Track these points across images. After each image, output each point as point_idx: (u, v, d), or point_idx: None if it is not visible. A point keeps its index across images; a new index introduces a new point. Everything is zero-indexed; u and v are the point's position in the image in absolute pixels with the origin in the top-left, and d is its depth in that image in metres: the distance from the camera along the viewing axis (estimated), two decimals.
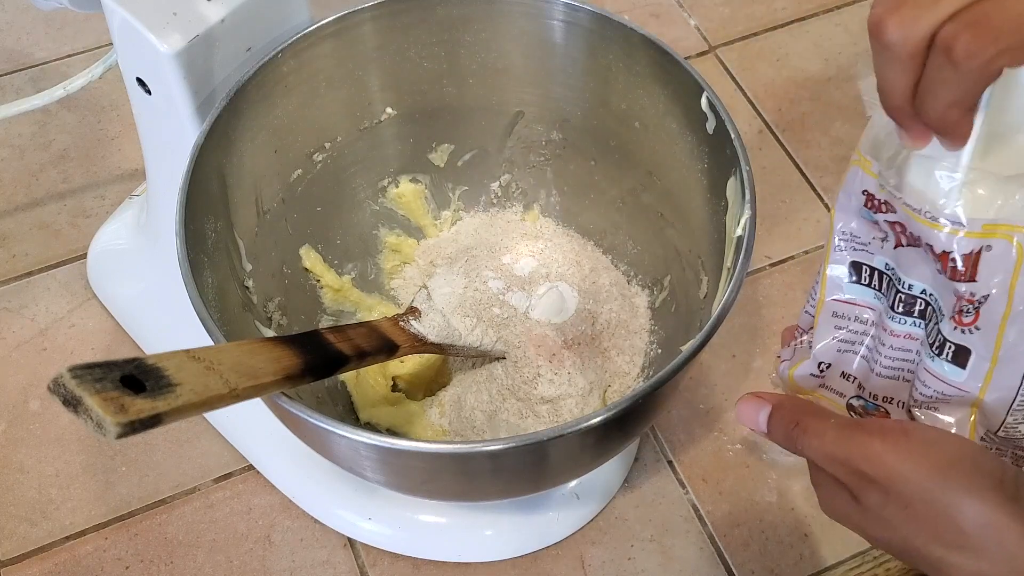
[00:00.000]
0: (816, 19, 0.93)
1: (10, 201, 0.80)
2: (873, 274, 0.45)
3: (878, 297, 0.45)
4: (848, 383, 0.46)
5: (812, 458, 0.42)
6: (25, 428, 0.69)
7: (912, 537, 0.38)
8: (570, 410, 0.60)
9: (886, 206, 0.43)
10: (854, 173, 0.45)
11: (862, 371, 0.45)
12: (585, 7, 0.58)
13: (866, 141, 0.44)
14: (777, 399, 0.45)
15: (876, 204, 0.44)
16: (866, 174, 0.44)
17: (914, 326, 0.44)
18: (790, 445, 0.43)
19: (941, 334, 0.42)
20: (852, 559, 0.64)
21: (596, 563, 0.63)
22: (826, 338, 0.46)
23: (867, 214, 0.44)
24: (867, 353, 0.45)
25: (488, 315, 0.62)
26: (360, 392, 0.63)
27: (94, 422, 0.34)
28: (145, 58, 0.53)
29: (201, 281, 0.49)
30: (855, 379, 0.45)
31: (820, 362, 0.45)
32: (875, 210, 0.44)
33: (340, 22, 0.58)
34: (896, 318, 0.44)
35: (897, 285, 0.44)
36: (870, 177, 0.44)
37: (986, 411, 0.42)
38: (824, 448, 0.41)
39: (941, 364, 0.43)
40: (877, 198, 0.44)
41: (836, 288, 0.46)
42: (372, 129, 0.65)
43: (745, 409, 0.45)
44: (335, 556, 0.64)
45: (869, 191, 0.44)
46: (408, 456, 0.47)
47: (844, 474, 0.40)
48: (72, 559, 0.64)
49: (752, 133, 0.84)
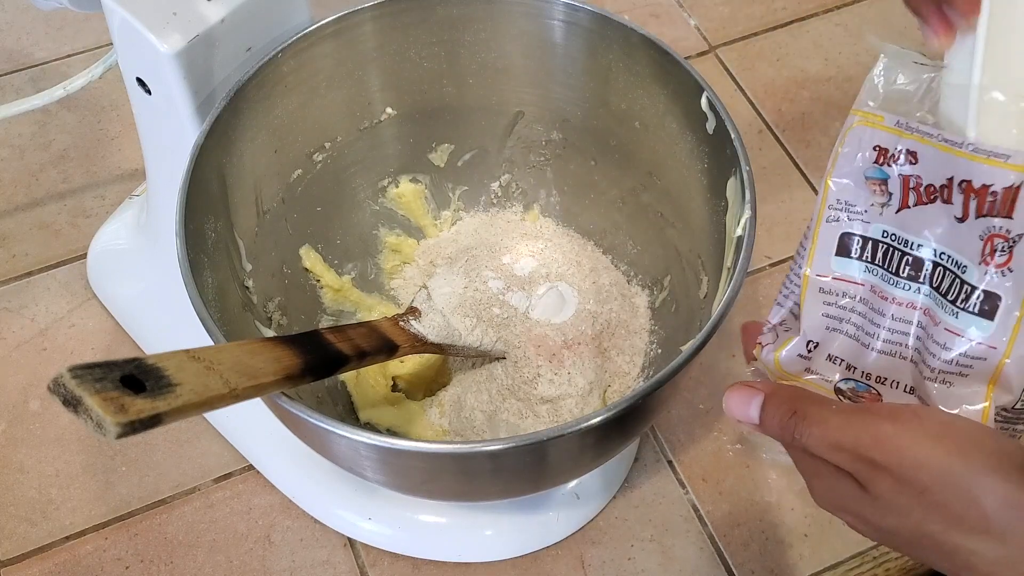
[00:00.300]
0: (816, 19, 0.93)
1: (10, 201, 0.80)
2: (866, 245, 0.44)
3: (869, 270, 0.44)
4: (834, 365, 0.44)
5: (812, 447, 0.39)
6: (25, 428, 0.69)
7: (927, 524, 0.36)
8: (570, 410, 0.60)
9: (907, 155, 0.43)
10: (858, 133, 0.44)
11: (851, 351, 0.44)
12: (585, 7, 0.58)
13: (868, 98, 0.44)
14: (770, 387, 0.43)
15: (892, 157, 0.43)
16: (876, 129, 0.43)
17: (917, 293, 0.43)
18: (786, 435, 0.41)
19: (967, 285, 0.41)
20: (852, 559, 0.64)
21: (596, 563, 0.63)
22: (814, 314, 0.44)
23: (877, 172, 0.43)
24: (855, 332, 0.44)
25: (488, 315, 0.62)
26: (360, 392, 0.63)
27: (94, 422, 0.34)
28: (145, 58, 0.53)
29: (201, 281, 0.49)
30: (842, 360, 0.44)
31: (809, 340, 0.44)
32: (889, 164, 0.43)
33: (340, 22, 0.58)
34: (900, 284, 0.43)
35: (902, 248, 0.43)
36: (882, 131, 0.43)
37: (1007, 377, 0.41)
38: (828, 435, 0.39)
39: (966, 319, 0.41)
40: (895, 150, 0.43)
41: (822, 264, 0.44)
42: (372, 129, 0.65)
43: (734, 399, 0.43)
44: (335, 556, 0.64)
45: (881, 145, 0.43)
46: (408, 456, 0.47)
47: (849, 462, 0.38)
48: (72, 559, 0.64)
49: (752, 133, 0.84)
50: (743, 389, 0.43)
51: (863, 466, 0.38)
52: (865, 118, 0.44)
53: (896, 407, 0.39)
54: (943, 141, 0.42)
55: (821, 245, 0.45)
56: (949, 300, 0.42)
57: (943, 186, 0.42)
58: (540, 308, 0.64)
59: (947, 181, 0.42)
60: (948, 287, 0.42)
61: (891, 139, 0.43)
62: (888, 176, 0.43)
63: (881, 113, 0.43)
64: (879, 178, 0.44)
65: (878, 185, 0.44)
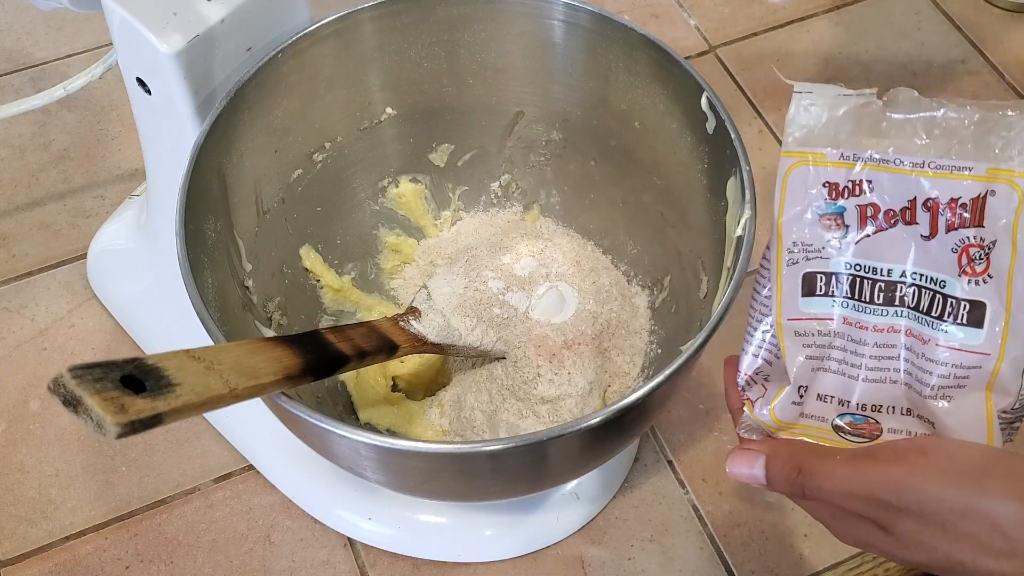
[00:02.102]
0: (816, 19, 0.93)
1: (10, 201, 0.80)
2: (831, 280, 0.44)
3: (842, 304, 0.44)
4: (826, 404, 0.44)
5: (826, 500, 0.40)
6: (25, 428, 0.69)
7: (956, 554, 0.37)
8: (570, 410, 0.60)
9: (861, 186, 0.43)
10: (801, 174, 0.44)
11: (839, 386, 0.44)
12: (585, 7, 0.58)
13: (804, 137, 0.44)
14: (768, 447, 0.43)
15: (847, 190, 0.43)
16: (820, 167, 0.43)
17: (897, 316, 0.43)
18: (796, 492, 0.41)
19: (949, 298, 0.42)
20: (852, 559, 0.64)
21: (596, 563, 0.63)
22: (797, 359, 0.44)
23: (831, 208, 0.43)
24: (838, 366, 0.44)
25: (488, 315, 0.62)
26: (360, 392, 0.63)
27: (94, 422, 0.34)
28: (145, 58, 0.53)
29: (201, 281, 0.49)
30: (832, 397, 0.44)
31: (800, 386, 0.44)
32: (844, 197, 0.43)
33: (340, 22, 0.58)
34: (878, 311, 0.43)
35: (871, 276, 0.43)
36: (827, 168, 0.43)
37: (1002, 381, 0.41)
38: (838, 488, 0.39)
39: (955, 331, 0.41)
40: (847, 183, 0.43)
41: (791, 308, 0.44)
42: (372, 129, 0.65)
43: (737, 465, 0.43)
44: (335, 556, 0.64)
45: (831, 181, 0.43)
46: (408, 456, 0.47)
47: (866, 509, 0.38)
48: (72, 559, 0.64)
49: (752, 133, 0.84)
50: (743, 453, 0.43)
51: (881, 511, 0.38)
52: (803, 157, 0.44)
53: (898, 446, 0.39)
54: (900, 164, 0.42)
55: (786, 290, 0.45)
56: (933, 316, 0.42)
57: (904, 208, 0.42)
58: (540, 308, 0.64)
59: (909, 203, 0.42)
60: (929, 304, 0.42)
61: (840, 173, 0.43)
62: (844, 209, 0.44)
63: (822, 150, 0.43)
64: (834, 213, 0.44)
65: (833, 219, 0.44)
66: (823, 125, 0.43)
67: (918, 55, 0.90)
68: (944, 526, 0.37)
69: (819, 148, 0.43)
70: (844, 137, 0.43)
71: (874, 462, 0.39)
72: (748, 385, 0.46)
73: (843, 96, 0.43)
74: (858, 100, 0.43)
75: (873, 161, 0.43)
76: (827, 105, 0.43)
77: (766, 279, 0.45)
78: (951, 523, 0.37)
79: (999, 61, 0.89)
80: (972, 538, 0.36)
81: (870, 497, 0.38)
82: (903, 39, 0.91)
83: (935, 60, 0.89)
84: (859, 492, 0.38)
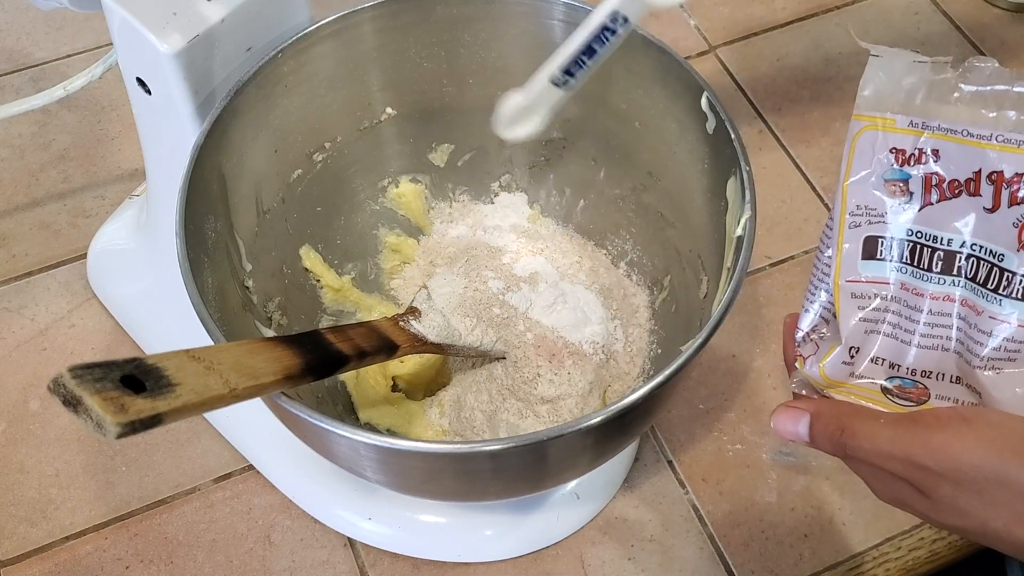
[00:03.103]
0: (816, 19, 0.93)
1: (10, 201, 0.80)
2: (892, 246, 0.44)
3: (900, 269, 0.45)
4: (878, 366, 0.45)
5: (866, 460, 0.41)
6: (25, 428, 0.69)
7: (990, 522, 0.38)
8: (570, 410, 0.60)
9: (928, 155, 0.43)
10: (869, 139, 0.44)
11: (892, 349, 0.45)
12: (585, 7, 0.58)
13: (875, 101, 0.44)
14: (814, 406, 0.43)
15: (913, 157, 0.44)
16: (888, 133, 0.44)
17: (953, 285, 0.44)
18: (838, 451, 0.42)
19: (1007, 272, 0.42)
20: (852, 559, 0.64)
21: (596, 563, 0.63)
22: (851, 320, 0.45)
23: (897, 174, 0.44)
24: (893, 331, 0.45)
25: (488, 315, 0.62)
26: (360, 392, 0.63)
27: (94, 422, 0.34)
28: (145, 58, 0.53)
29: (201, 281, 0.49)
30: (884, 360, 0.45)
31: (851, 346, 0.45)
32: (911, 164, 0.44)
33: (340, 22, 0.58)
34: (934, 279, 0.44)
35: (931, 244, 0.44)
36: (896, 134, 0.44)
37: None
38: (879, 449, 0.40)
39: (1011, 305, 0.42)
40: (914, 150, 0.44)
41: (850, 269, 0.45)
42: (372, 129, 0.65)
43: (782, 421, 0.44)
44: (335, 556, 0.64)
45: (898, 147, 0.44)
46: (408, 456, 0.47)
47: (906, 471, 0.39)
48: (72, 559, 0.64)
49: (752, 133, 0.84)
50: (789, 410, 0.44)
51: (920, 474, 0.39)
52: (873, 122, 0.44)
53: (942, 413, 0.40)
54: (967, 136, 0.42)
55: (847, 252, 0.45)
56: (989, 289, 0.43)
57: (969, 180, 0.43)
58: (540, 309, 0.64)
59: (974, 174, 0.43)
60: (986, 276, 0.43)
61: (908, 140, 0.44)
62: (910, 176, 0.44)
63: (892, 116, 0.44)
64: (900, 179, 0.44)
65: (898, 186, 0.44)
66: (895, 91, 0.44)
67: None
68: (981, 494, 0.37)
69: (889, 113, 0.44)
70: (915, 104, 0.44)
71: (916, 426, 0.39)
72: (804, 342, 0.47)
73: (917, 63, 0.44)
74: (932, 68, 0.43)
75: (941, 130, 0.43)
76: (900, 71, 0.44)
77: (829, 239, 0.46)
78: (987, 491, 0.37)
79: (999, 61, 0.89)
80: (1007, 507, 0.37)
81: (909, 460, 0.39)
82: (903, 39, 0.91)
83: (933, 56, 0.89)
84: (899, 455, 0.39)
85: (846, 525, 0.65)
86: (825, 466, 0.67)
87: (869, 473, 0.42)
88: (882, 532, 0.64)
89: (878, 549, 0.64)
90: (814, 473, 0.67)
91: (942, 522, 0.40)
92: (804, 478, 0.66)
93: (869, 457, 0.40)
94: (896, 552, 0.64)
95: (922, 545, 0.64)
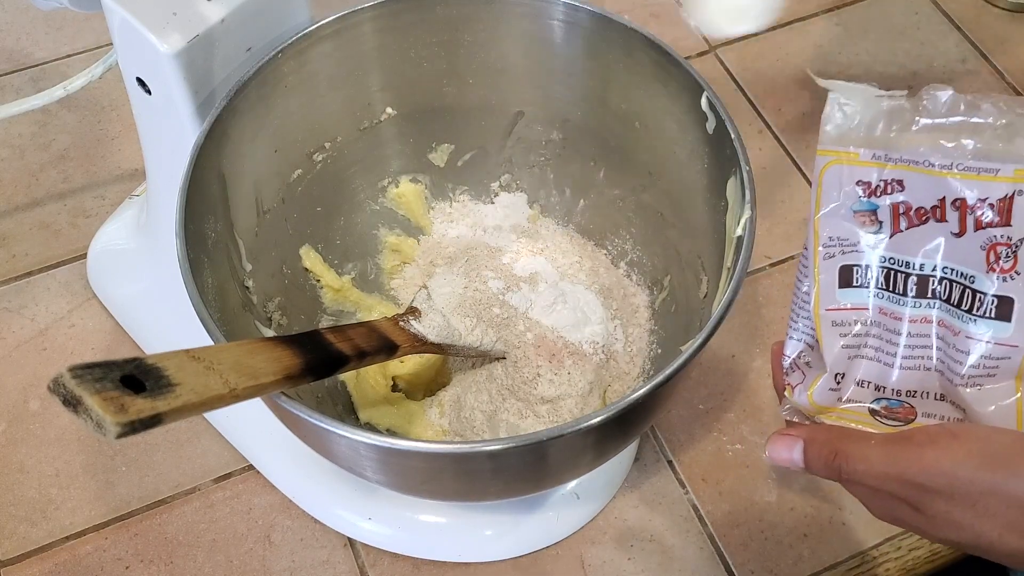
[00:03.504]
0: (816, 19, 0.93)
1: (10, 201, 0.80)
2: (867, 273, 0.46)
3: (877, 295, 0.46)
4: (864, 389, 0.46)
5: (861, 482, 0.42)
6: (25, 428, 0.69)
7: (985, 534, 0.38)
8: (570, 410, 0.60)
9: (893, 185, 0.44)
10: (835, 173, 0.45)
11: (876, 372, 0.46)
12: (585, 7, 0.58)
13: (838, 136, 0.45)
14: (806, 432, 0.44)
15: (879, 188, 0.45)
16: (855, 166, 0.45)
17: (929, 307, 0.45)
18: (833, 475, 0.43)
19: (978, 293, 0.43)
20: (852, 559, 0.64)
21: (596, 563, 0.63)
22: (834, 348, 0.46)
23: (865, 205, 0.45)
24: (875, 354, 0.46)
25: (488, 315, 0.62)
26: (360, 392, 0.63)
27: (94, 422, 0.34)
28: (145, 58, 0.53)
29: (201, 281, 0.49)
30: (869, 383, 0.46)
31: (836, 372, 0.46)
32: (877, 195, 0.45)
33: (340, 22, 0.58)
34: (911, 303, 0.45)
35: (904, 270, 0.45)
36: (860, 167, 0.45)
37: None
38: (873, 470, 0.41)
39: (984, 324, 0.43)
40: (879, 182, 0.45)
41: (828, 298, 0.46)
42: (372, 129, 0.65)
43: (776, 449, 0.45)
44: (335, 556, 0.64)
45: (864, 180, 0.45)
46: (408, 456, 0.47)
47: (900, 489, 0.40)
48: (72, 559, 0.64)
49: (752, 133, 0.84)
50: (783, 438, 0.45)
51: (914, 492, 0.40)
52: (837, 156, 0.46)
53: (931, 431, 0.41)
54: (929, 166, 0.44)
55: (824, 281, 0.46)
56: (963, 310, 0.44)
57: (934, 207, 0.44)
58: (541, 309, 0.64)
59: (938, 202, 0.44)
60: (960, 298, 0.44)
61: (872, 172, 0.45)
62: (878, 206, 0.45)
63: (855, 150, 0.45)
64: (868, 210, 0.46)
65: (868, 216, 0.46)
66: (856, 125, 0.45)
67: (918, 55, 0.90)
68: (973, 506, 0.38)
69: (852, 147, 0.45)
70: (876, 137, 0.45)
71: (907, 445, 0.40)
72: (791, 370, 0.48)
73: (876, 97, 0.45)
74: (890, 101, 0.45)
75: (904, 161, 0.44)
76: (860, 106, 0.45)
77: (804, 274, 0.47)
78: (980, 503, 0.38)
79: (999, 61, 0.89)
80: (999, 517, 0.38)
81: (903, 479, 0.40)
82: (903, 39, 0.91)
83: (935, 60, 0.89)
84: (893, 474, 0.40)
85: (846, 525, 0.65)
86: None
87: (865, 494, 0.43)
88: (882, 532, 0.64)
89: (878, 549, 0.64)
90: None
91: (938, 536, 0.41)
92: (804, 478, 0.66)
93: (864, 479, 0.41)
94: (896, 552, 0.64)
95: (922, 545, 0.64)
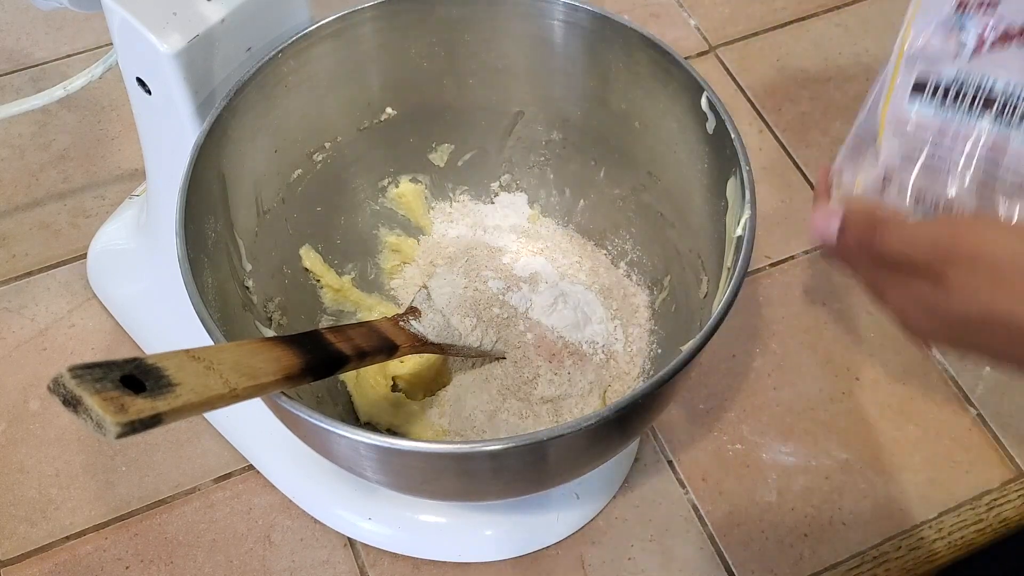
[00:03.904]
0: (816, 19, 0.93)
1: (10, 201, 0.80)
2: (938, 87, 0.47)
3: (944, 108, 0.47)
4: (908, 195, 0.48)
5: (890, 250, 0.42)
6: (25, 428, 0.69)
7: (997, 302, 0.38)
8: (570, 410, 0.60)
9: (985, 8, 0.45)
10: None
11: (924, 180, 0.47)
12: (585, 7, 0.58)
13: None
14: (850, 203, 0.45)
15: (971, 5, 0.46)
16: None
17: (990, 122, 0.46)
18: (864, 243, 0.43)
19: None
20: (852, 559, 0.64)
21: (596, 563, 0.63)
22: (891, 150, 0.47)
23: (957, 20, 0.46)
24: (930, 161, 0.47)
25: (488, 315, 0.62)
26: (360, 392, 0.63)
27: (94, 422, 0.34)
28: (145, 58, 0.53)
29: (201, 281, 0.49)
30: (916, 190, 0.48)
31: (887, 175, 0.47)
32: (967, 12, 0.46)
33: (340, 22, 0.58)
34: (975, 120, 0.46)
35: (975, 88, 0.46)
36: None
37: None
38: (905, 235, 0.41)
39: None
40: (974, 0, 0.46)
41: (898, 103, 0.47)
42: (372, 129, 0.65)
43: (818, 216, 0.45)
44: (335, 556, 0.64)
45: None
46: (408, 456, 0.47)
47: (926, 252, 0.40)
48: (72, 559, 0.64)
49: (752, 133, 0.84)
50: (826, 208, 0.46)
51: (940, 258, 0.40)
52: None
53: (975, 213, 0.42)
54: None
55: (898, 88, 0.47)
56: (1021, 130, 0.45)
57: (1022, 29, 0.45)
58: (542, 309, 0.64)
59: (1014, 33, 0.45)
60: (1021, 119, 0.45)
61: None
62: (965, 24, 0.46)
63: None
64: (956, 26, 0.47)
65: (956, 31, 0.47)
66: None
67: None
68: (994, 271, 0.38)
69: None
70: None
71: (947, 218, 0.42)
72: (845, 163, 0.49)
73: None
74: None
75: None
76: None
77: (882, 75, 0.48)
78: (1001, 268, 0.38)
79: None
80: (1017, 285, 0.38)
81: (934, 244, 0.40)
82: None
83: None
84: (923, 238, 0.41)
85: (846, 525, 0.65)
86: (825, 466, 0.67)
87: (883, 279, 0.43)
88: (882, 532, 0.64)
89: (878, 549, 0.64)
90: (814, 473, 0.67)
91: (949, 310, 0.40)
92: (804, 478, 0.66)
93: (895, 248, 0.42)
94: (896, 552, 0.64)
95: (922, 545, 0.64)
